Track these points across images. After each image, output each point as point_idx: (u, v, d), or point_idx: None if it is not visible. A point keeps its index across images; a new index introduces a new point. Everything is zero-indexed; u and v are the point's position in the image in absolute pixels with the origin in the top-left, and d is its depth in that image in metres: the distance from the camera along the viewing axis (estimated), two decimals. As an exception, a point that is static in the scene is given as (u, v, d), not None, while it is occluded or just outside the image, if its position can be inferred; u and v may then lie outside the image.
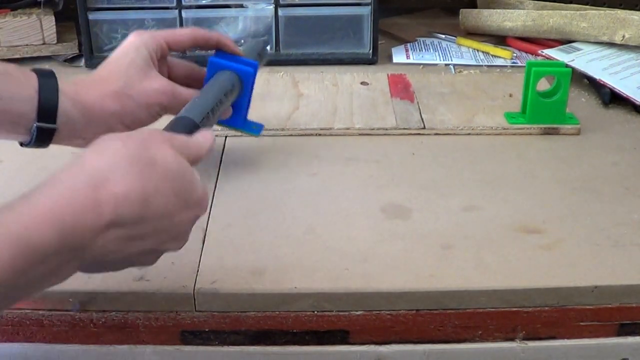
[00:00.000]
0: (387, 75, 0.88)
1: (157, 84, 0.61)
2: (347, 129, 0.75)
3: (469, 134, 0.75)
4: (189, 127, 0.55)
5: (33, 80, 0.57)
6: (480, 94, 0.84)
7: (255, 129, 0.69)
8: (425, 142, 0.74)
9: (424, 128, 0.75)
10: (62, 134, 0.58)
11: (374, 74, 0.89)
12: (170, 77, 0.64)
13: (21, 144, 0.59)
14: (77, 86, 0.59)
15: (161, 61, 0.64)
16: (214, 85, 0.62)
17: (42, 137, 0.57)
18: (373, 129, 0.75)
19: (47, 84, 0.57)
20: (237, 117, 0.67)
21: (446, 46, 1.00)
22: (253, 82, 0.66)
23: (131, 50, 0.61)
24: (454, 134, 0.75)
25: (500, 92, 0.84)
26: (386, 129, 0.75)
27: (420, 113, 0.78)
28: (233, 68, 0.64)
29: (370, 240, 0.58)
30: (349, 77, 0.88)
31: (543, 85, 0.77)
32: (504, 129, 0.75)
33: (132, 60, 0.61)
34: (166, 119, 0.57)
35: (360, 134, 0.75)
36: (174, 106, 0.61)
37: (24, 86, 0.56)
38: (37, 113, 0.56)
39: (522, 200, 0.63)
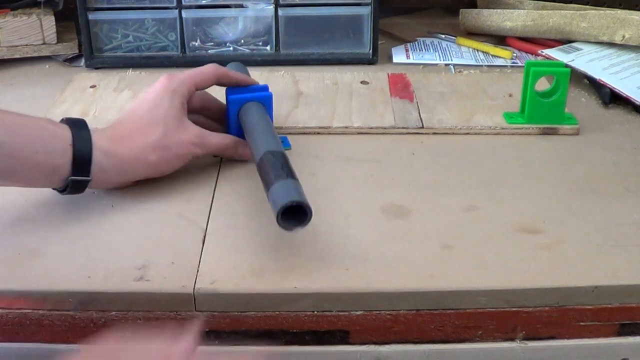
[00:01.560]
0: (387, 74, 0.89)
1: (192, 134, 0.63)
2: (346, 127, 0.75)
3: (467, 133, 0.75)
4: (281, 156, 0.59)
5: (67, 133, 0.58)
6: (480, 93, 0.84)
7: (285, 143, 0.72)
8: (424, 141, 0.74)
9: (422, 127, 0.75)
10: (95, 183, 0.60)
11: (375, 73, 0.89)
12: (188, 109, 0.65)
13: (55, 189, 0.61)
14: (111, 139, 0.60)
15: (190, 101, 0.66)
16: (261, 119, 0.66)
17: (76, 187, 0.59)
18: (371, 128, 0.75)
19: (81, 136, 0.58)
20: None
21: (446, 46, 1.00)
22: (272, 103, 0.70)
23: (166, 98, 0.62)
24: (453, 134, 0.75)
25: (500, 92, 0.84)
26: (384, 128, 0.75)
27: (419, 112, 0.78)
28: (256, 98, 0.68)
29: (370, 240, 0.58)
30: (349, 76, 0.88)
31: (543, 85, 0.77)
32: (503, 128, 0.75)
33: (167, 110, 0.62)
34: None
35: (358, 133, 0.75)
36: (204, 153, 0.65)
37: (59, 139, 0.57)
38: (72, 166, 0.58)
39: (522, 200, 0.63)
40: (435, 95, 0.83)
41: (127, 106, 0.66)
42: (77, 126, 0.59)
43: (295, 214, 0.53)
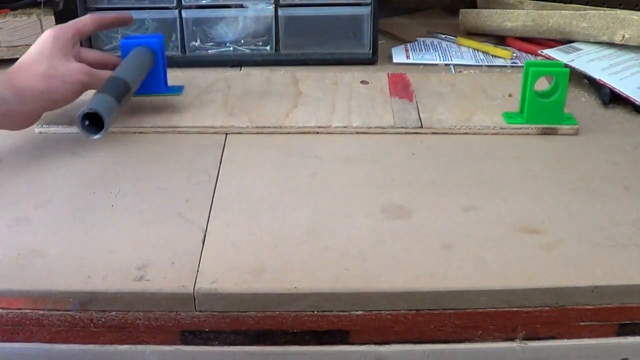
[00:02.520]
0: (388, 74, 0.89)
1: (77, 64, 0.72)
2: (345, 127, 0.75)
3: (466, 133, 0.75)
4: (122, 84, 0.70)
5: None
6: (480, 93, 0.84)
7: (176, 89, 0.82)
8: (424, 141, 0.74)
9: (421, 127, 0.75)
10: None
11: (375, 72, 0.89)
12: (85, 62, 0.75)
13: None
14: (8, 72, 0.70)
15: (74, 49, 0.75)
16: (132, 57, 0.76)
17: None
18: (370, 128, 0.75)
19: None
20: (157, 83, 0.80)
21: (446, 46, 1.00)
22: (163, 51, 0.79)
23: (49, 41, 0.72)
24: (452, 133, 0.75)
25: (500, 92, 0.84)
26: (383, 128, 0.75)
27: (418, 112, 0.78)
28: (143, 42, 0.78)
29: (370, 240, 0.58)
30: (349, 76, 0.88)
31: (543, 85, 0.77)
32: (502, 128, 0.75)
33: (52, 49, 0.72)
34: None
35: (357, 133, 0.75)
36: (93, 83, 0.72)
37: None
38: None
39: (522, 200, 0.63)
40: (435, 95, 0.83)
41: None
42: None
43: (98, 124, 0.65)
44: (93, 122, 0.66)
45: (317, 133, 0.75)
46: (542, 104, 0.74)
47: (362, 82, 0.86)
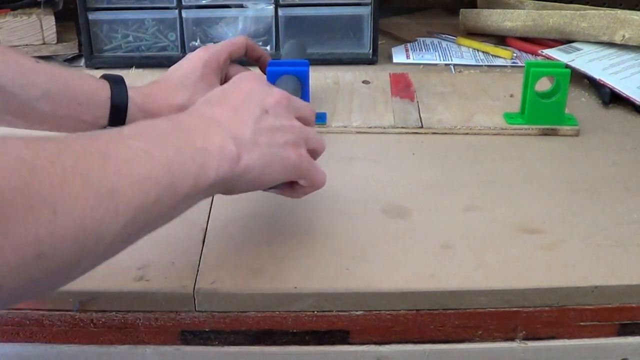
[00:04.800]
0: (389, 74, 0.89)
1: None
2: (345, 127, 0.75)
3: (466, 133, 0.75)
4: None
5: (106, 87, 0.65)
6: (481, 93, 0.83)
7: (320, 117, 0.76)
8: (424, 141, 0.74)
9: (422, 127, 0.75)
10: None
11: (376, 72, 0.89)
12: (226, 81, 0.69)
13: None
14: (145, 96, 0.67)
15: (222, 73, 0.72)
16: (284, 87, 0.68)
17: None
18: (370, 127, 0.75)
19: (119, 91, 0.65)
20: None
21: (446, 46, 1.00)
22: (308, 78, 0.72)
23: (199, 65, 0.70)
24: (452, 134, 0.75)
25: (501, 92, 0.83)
26: (384, 128, 0.75)
27: (419, 112, 0.78)
28: (291, 71, 0.70)
29: (370, 240, 0.58)
30: (350, 75, 0.88)
31: (544, 85, 0.77)
32: (503, 129, 0.75)
33: (200, 77, 0.69)
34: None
35: (357, 132, 0.75)
36: None
37: (99, 93, 0.64)
38: (109, 118, 0.65)
39: (522, 200, 0.63)
40: (436, 95, 0.83)
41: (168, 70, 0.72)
42: (116, 82, 0.66)
43: None
44: None
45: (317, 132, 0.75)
46: (543, 104, 0.74)
47: (363, 81, 0.86)
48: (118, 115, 0.65)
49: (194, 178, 0.43)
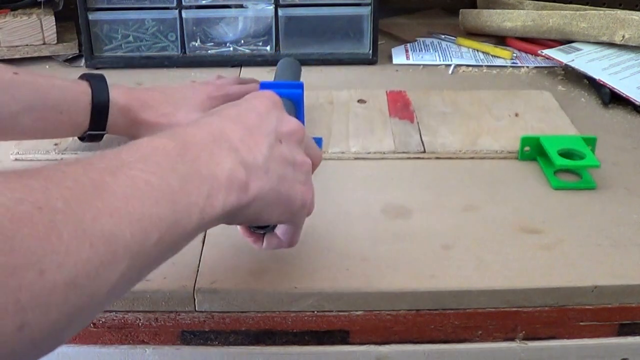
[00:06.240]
0: (386, 92, 0.84)
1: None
2: (342, 153, 0.71)
3: (472, 157, 0.70)
4: None
5: (88, 92, 0.65)
6: (484, 113, 0.78)
7: (317, 141, 0.70)
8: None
9: (424, 152, 0.71)
10: (108, 134, 0.67)
11: (372, 90, 0.84)
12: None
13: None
14: (130, 102, 0.67)
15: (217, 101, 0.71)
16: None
17: (93, 138, 0.67)
18: (369, 153, 0.71)
19: (99, 93, 0.65)
20: None
21: (446, 46, 1.00)
22: (303, 102, 0.68)
23: (197, 105, 0.70)
24: (456, 158, 0.71)
25: (505, 111, 0.79)
26: (383, 153, 0.70)
27: (420, 135, 0.73)
28: (284, 94, 0.65)
29: (370, 240, 0.58)
30: (345, 94, 0.83)
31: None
32: (510, 152, 0.70)
33: (191, 108, 0.69)
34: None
35: (355, 159, 0.71)
36: None
37: (80, 99, 0.64)
38: (90, 123, 0.65)
39: (522, 200, 0.63)
40: (437, 115, 0.78)
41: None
42: (96, 81, 0.66)
43: None
44: None
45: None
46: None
47: (359, 100, 0.81)
48: (99, 117, 0.65)
49: (200, 212, 0.38)
